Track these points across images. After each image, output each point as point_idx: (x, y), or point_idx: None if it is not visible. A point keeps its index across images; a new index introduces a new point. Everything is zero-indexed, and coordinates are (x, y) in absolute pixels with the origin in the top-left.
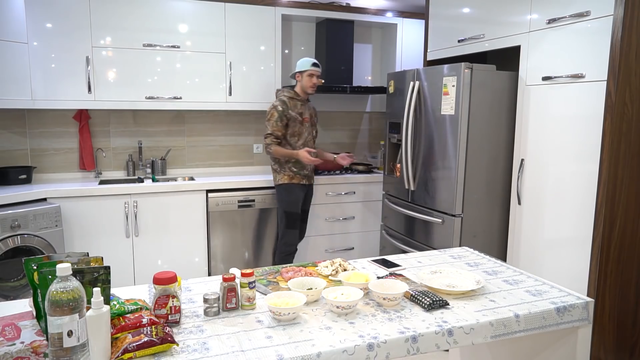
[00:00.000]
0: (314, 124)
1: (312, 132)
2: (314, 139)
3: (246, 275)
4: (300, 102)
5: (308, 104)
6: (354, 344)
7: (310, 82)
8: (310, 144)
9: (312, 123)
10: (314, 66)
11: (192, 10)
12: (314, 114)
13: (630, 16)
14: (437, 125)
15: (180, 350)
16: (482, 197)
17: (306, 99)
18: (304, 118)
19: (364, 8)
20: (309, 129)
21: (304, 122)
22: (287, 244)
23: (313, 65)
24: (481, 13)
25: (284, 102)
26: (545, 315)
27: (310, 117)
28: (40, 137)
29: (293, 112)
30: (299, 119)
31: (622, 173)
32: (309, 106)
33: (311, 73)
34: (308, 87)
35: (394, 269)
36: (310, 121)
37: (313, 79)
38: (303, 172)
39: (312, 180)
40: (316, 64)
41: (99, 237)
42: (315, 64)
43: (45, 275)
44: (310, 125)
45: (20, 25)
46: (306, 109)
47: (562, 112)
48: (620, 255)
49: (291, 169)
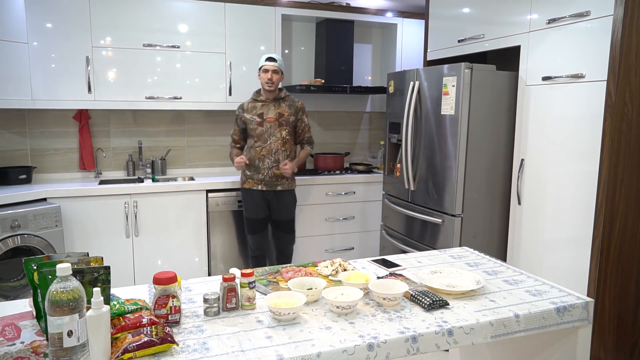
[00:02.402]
0: (287, 123)
1: (282, 134)
2: (285, 141)
3: (246, 275)
4: (261, 102)
5: (277, 102)
6: (354, 344)
7: (264, 77)
8: (276, 146)
9: (282, 123)
10: (268, 61)
11: (192, 10)
12: (290, 112)
13: (630, 16)
14: (437, 125)
15: (180, 350)
16: (482, 197)
17: (272, 98)
18: (267, 118)
19: (364, 8)
20: (274, 130)
21: (264, 123)
22: (250, 248)
23: (267, 60)
24: (481, 13)
25: (241, 105)
26: (545, 315)
27: (278, 117)
28: (40, 137)
29: (249, 115)
30: (257, 120)
31: (622, 173)
32: (279, 104)
33: (265, 68)
34: (263, 84)
35: (394, 269)
36: (276, 121)
37: (268, 74)
38: (257, 176)
39: (276, 187)
40: (270, 57)
41: (99, 237)
42: (270, 58)
43: (45, 275)
44: (277, 126)
45: (20, 25)
46: (270, 108)
47: (562, 112)
48: (620, 255)
49: (245, 172)
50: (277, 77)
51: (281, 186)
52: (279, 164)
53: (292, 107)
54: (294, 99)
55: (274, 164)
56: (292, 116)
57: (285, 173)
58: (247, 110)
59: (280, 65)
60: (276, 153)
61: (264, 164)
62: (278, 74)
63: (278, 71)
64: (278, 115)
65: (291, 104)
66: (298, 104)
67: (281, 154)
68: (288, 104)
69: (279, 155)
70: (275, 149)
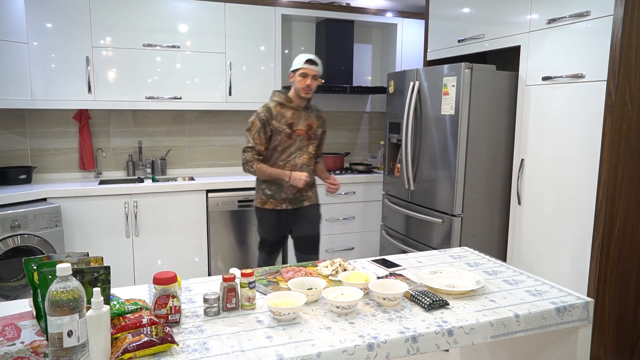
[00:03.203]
0: (315, 137)
1: (308, 148)
2: (311, 156)
3: (246, 275)
4: (291, 110)
5: (306, 112)
6: (354, 344)
7: (302, 83)
8: (301, 161)
9: (311, 136)
10: (309, 63)
11: (192, 10)
12: (318, 124)
13: (630, 16)
14: (437, 125)
15: (180, 350)
16: (482, 197)
17: (303, 106)
18: (296, 130)
19: (364, 8)
20: (303, 143)
21: (293, 135)
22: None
23: (307, 63)
24: (481, 13)
25: (268, 110)
26: (545, 315)
27: (308, 129)
28: (40, 137)
29: (277, 123)
30: (286, 131)
31: (622, 173)
32: (308, 115)
33: (304, 72)
34: (300, 90)
35: (394, 269)
36: (306, 134)
37: (307, 79)
38: (280, 195)
39: (302, 203)
40: (311, 60)
41: (99, 237)
42: (311, 61)
43: (45, 275)
44: (306, 139)
45: (20, 25)
46: (300, 118)
47: (562, 112)
48: (620, 255)
49: (264, 191)
50: (316, 84)
51: (308, 201)
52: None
53: (319, 119)
54: (317, 108)
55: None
56: (320, 129)
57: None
58: (276, 118)
59: (320, 70)
60: (301, 169)
61: (287, 181)
62: (317, 80)
63: (318, 77)
64: (307, 127)
65: (318, 116)
66: (323, 115)
67: (305, 170)
68: (315, 114)
69: (302, 171)
70: (301, 165)
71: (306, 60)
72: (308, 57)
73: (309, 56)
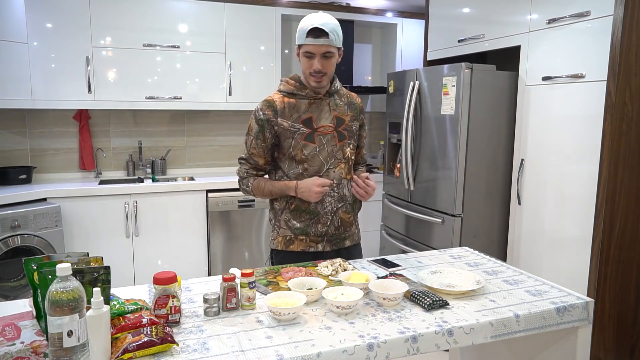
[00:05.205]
0: (350, 134)
1: (344, 153)
2: (350, 164)
3: (246, 275)
4: (307, 100)
5: (331, 99)
6: (354, 344)
7: (309, 66)
8: (338, 173)
9: (344, 134)
10: (313, 36)
11: (192, 10)
12: (352, 115)
13: (630, 16)
14: (437, 125)
15: (180, 350)
16: (482, 197)
17: (325, 91)
18: (319, 128)
19: (364, 8)
20: (334, 144)
21: (316, 136)
22: None
23: (309, 36)
24: (481, 13)
25: (269, 105)
26: (545, 315)
27: (337, 123)
28: (40, 137)
29: (287, 121)
30: (301, 131)
31: (622, 173)
32: (335, 103)
33: (308, 50)
34: (308, 77)
35: (394, 269)
36: (336, 131)
37: (314, 60)
38: (316, 229)
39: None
40: (317, 31)
41: (99, 237)
42: (316, 32)
43: (45, 275)
44: (337, 139)
45: (20, 25)
46: (323, 109)
47: (562, 112)
48: (620, 255)
49: (288, 222)
50: (332, 63)
51: (350, 240)
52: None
53: (352, 107)
54: (348, 91)
55: (339, 204)
56: (355, 121)
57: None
58: (283, 114)
59: (334, 40)
60: (340, 186)
61: (324, 207)
62: (332, 57)
63: (332, 53)
64: (336, 120)
65: (350, 103)
66: (358, 100)
67: (345, 186)
68: (347, 100)
69: (344, 190)
70: (339, 179)
71: (309, 32)
72: (312, 25)
73: (314, 23)
